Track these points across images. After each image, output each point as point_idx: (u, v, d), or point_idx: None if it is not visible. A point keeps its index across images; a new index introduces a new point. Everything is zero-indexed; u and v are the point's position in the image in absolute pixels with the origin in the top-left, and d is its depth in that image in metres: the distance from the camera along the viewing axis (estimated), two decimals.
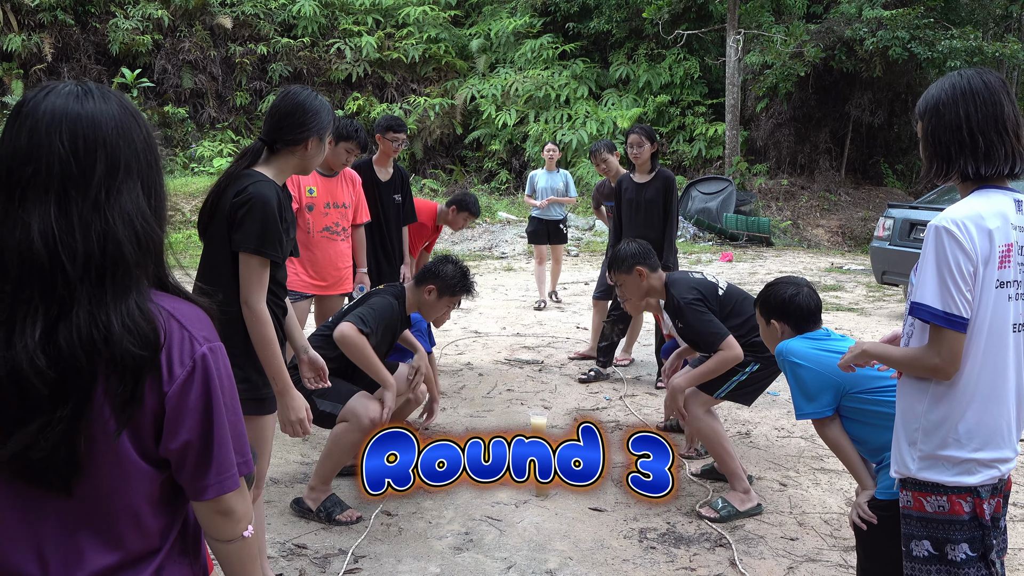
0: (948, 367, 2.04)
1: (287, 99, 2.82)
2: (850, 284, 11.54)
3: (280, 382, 2.77)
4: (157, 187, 1.41)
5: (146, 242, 1.36)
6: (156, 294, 1.39)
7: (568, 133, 18.31)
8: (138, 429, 1.35)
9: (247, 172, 2.74)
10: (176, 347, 1.36)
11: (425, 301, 4.13)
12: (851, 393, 2.80)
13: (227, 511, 1.45)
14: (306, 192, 4.87)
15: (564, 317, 9.07)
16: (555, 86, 19.15)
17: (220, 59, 19.05)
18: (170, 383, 1.35)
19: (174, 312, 1.39)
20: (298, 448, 4.75)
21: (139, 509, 1.38)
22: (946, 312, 2.00)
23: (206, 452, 1.39)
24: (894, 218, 9.01)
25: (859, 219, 17.38)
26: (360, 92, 19.48)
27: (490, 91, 19.32)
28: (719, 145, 18.39)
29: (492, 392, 6.05)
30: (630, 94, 19.26)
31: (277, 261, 2.75)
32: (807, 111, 18.33)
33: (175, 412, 1.35)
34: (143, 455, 1.36)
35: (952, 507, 2.09)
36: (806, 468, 4.59)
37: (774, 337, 3.21)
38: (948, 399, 2.08)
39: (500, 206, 16.32)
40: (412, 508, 4.00)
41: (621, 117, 18.07)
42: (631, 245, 4.32)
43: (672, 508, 4.05)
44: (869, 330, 8.28)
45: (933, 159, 2.14)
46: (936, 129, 2.11)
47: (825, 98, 18.18)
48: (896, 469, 2.20)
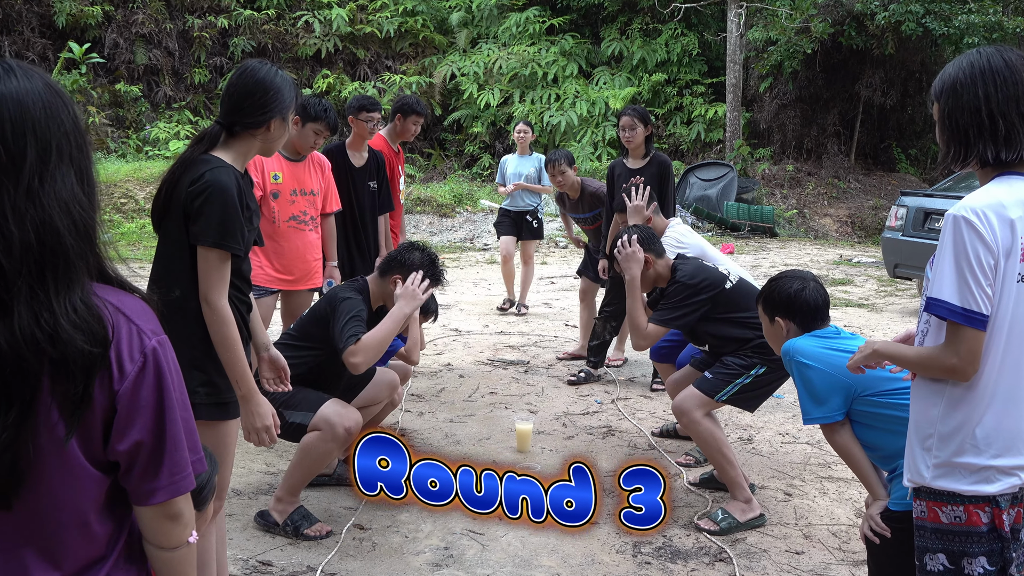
0: (966, 367, 2.04)
1: (245, 77, 2.79)
2: (860, 278, 11.61)
3: (244, 386, 2.76)
4: (88, 171, 1.42)
5: (84, 230, 1.36)
6: (98, 287, 1.40)
7: (556, 114, 18.31)
8: (87, 432, 1.35)
9: (204, 158, 2.72)
10: (125, 342, 1.38)
11: (391, 293, 4.05)
12: (862, 396, 2.81)
13: (175, 515, 1.47)
14: (271, 178, 4.84)
15: (552, 314, 9.08)
16: (542, 63, 19.13)
17: (177, 33, 18.91)
18: (121, 380, 1.36)
19: (120, 305, 1.40)
20: (262, 457, 4.73)
21: (87, 517, 1.39)
22: (964, 308, 2.01)
23: (158, 452, 1.41)
24: (907, 207, 9.07)
25: (870, 208, 17.48)
26: (330, 69, 19.39)
27: (471, 68, 19.28)
28: (719, 128, 18.44)
29: (474, 395, 6.04)
30: (623, 72, 19.27)
31: (239, 254, 2.73)
32: (814, 91, 18.41)
33: (127, 410, 1.37)
34: (92, 459, 1.37)
35: (969, 518, 2.10)
36: (813, 476, 4.62)
37: (779, 336, 3.22)
38: (966, 402, 2.09)
39: (482, 193, 16.30)
40: (387, 521, 3.99)
41: (613, 97, 18.08)
42: (633, 232, 4.31)
43: (669, 520, 4.05)
44: (880, 327, 8.33)
45: (950, 143, 2.15)
46: (953, 111, 2.12)
47: (833, 77, 18.26)
48: (909, 477, 2.21)
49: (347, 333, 3.72)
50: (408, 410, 5.64)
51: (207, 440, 2.69)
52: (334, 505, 4.14)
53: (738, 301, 4.20)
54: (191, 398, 2.64)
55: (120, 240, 12.88)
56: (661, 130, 18.74)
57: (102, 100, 17.73)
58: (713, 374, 4.14)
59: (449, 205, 15.91)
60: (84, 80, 17.02)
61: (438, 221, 15.52)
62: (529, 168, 8.98)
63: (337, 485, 4.27)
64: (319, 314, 4.01)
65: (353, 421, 3.81)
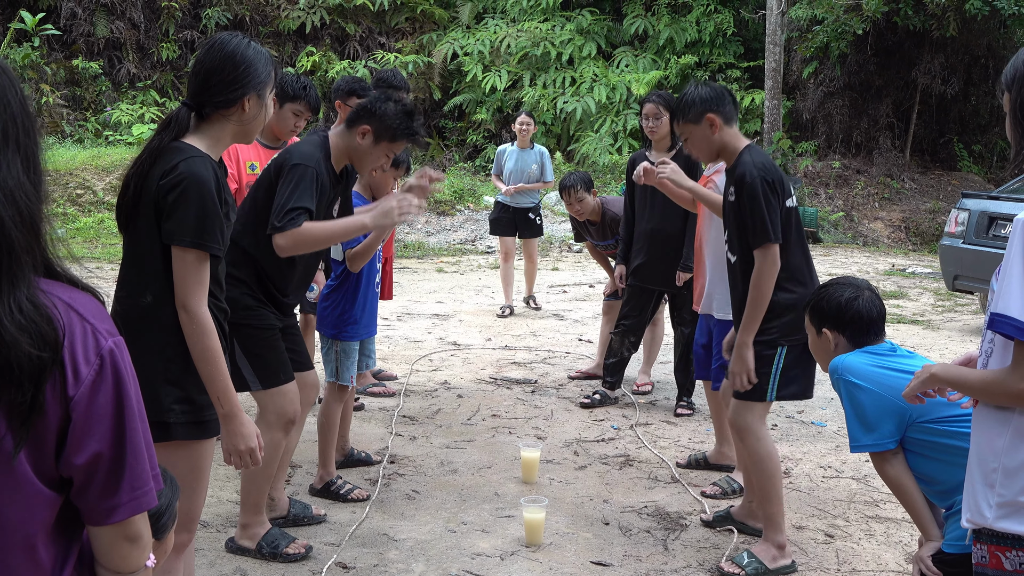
0: None
1: (213, 51, 2.81)
2: (915, 291, 11.60)
3: (227, 403, 2.76)
4: (36, 157, 1.44)
5: (31, 222, 1.38)
6: (46, 282, 1.42)
7: (571, 100, 18.33)
8: (38, 444, 1.37)
9: (175, 146, 2.73)
10: (80, 343, 1.39)
11: (357, 147, 3.95)
12: (918, 422, 2.81)
13: (135, 536, 1.49)
14: (246, 168, 4.86)
15: (563, 327, 9.08)
16: (556, 43, 19.16)
17: (143, 2, 18.98)
18: (76, 386, 1.38)
19: (72, 303, 1.42)
20: (232, 484, 4.74)
21: (34, 541, 1.41)
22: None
23: (118, 464, 1.43)
24: (969, 210, 9.05)
25: (927, 211, 17.47)
26: (316, 46, 19.45)
27: (476, 47, 19.32)
28: (756, 118, 18.45)
29: (474, 418, 6.05)
30: (648, 54, 19.30)
31: (218, 255, 2.74)
32: (865, 78, 18.41)
33: (84, 418, 1.39)
34: (42, 476, 1.38)
35: None
36: (857, 516, 4.61)
37: (826, 351, 3.22)
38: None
39: (486, 189, 16.32)
40: (373, 559, 3.99)
41: (636, 82, 18.10)
42: (701, 89, 4.16)
43: (692, 562, 4.06)
44: (937, 347, 8.32)
45: (1022, 139, 2.15)
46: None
47: (887, 62, 18.26)
48: (969, 517, 2.20)
49: (287, 211, 3.64)
50: (399, 434, 5.65)
51: (181, 462, 2.70)
52: (312, 540, 4.14)
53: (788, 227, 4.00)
54: (165, 416, 2.67)
55: (75, 237, 12.91)
56: None
57: (57, 77, 17.79)
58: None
59: (448, 202, 15.93)
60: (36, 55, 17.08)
61: (436, 220, 15.53)
62: (531, 164, 9.14)
63: (294, 526, 4.26)
64: (266, 180, 3.85)
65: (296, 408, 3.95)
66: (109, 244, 12.55)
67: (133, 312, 2.70)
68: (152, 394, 2.59)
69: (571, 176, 6.97)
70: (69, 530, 1.47)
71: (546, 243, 14.60)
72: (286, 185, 3.71)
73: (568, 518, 4.48)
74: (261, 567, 3.89)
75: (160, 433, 2.63)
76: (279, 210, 3.65)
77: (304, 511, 4.33)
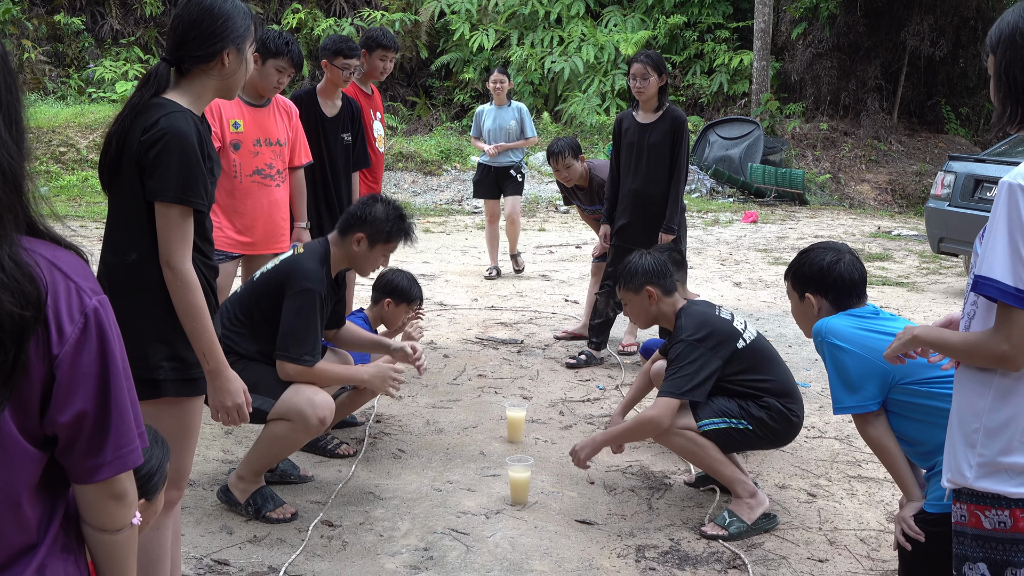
0: (1018, 355, 2.05)
1: (190, 6, 2.79)
2: (900, 253, 11.64)
3: (213, 359, 2.78)
4: (18, 115, 1.43)
5: (13, 179, 1.37)
6: (28, 240, 1.41)
7: (559, 60, 18.24)
8: (22, 403, 1.37)
9: (156, 102, 2.71)
10: (64, 301, 1.39)
11: (355, 254, 4.09)
12: (901, 384, 2.83)
13: (120, 494, 1.50)
14: (230, 127, 4.82)
15: (549, 287, 9.09)
16: (544, 1, 19.03)
17: None
18: (60, 344, 1.38)
19: (55, 261, 1.42)
20: (219, 443, 4.75)
21: (19, 499, 1.41)
22: (1018, 288, 2.01)
23: (103, 422, 1.43)
24: (956, 173, 9.07)
25: (913, 174, 17.50)
26: (301, 3, 19.26)
27: (463, 6, 19.17)
28: (744, 79, 18.40)
29: (460, 378, 6.06)
30: (636, 13, 19.19)
31: (202, 210, 2.74)
32: (854, 39, 18.36)
33: (68, 377, 1.39)
34: (27, 434, 1.38)
35: (1016, 523, 2.12)
36: (840, 475, 4.65)
37: (809, 315, 3.24)
38: (1016, 395, 2.11)
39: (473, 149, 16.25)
40: (359, 518, 4.01)
41: (624, 41, 18.01)
42: (645, 259, 4.34)
43: (676, 521, 4.10)
44: (921, 309, 8.37)
45: (1007, 101, 2.15)
46: (1011, 65, 2.12)
47: (876, 23, 18.21)
48: (949, 477, 2.23)
49: (299, 349, 3.88)
50: None
51: (171, 420, 2.71)
52: (298, 499, 4.16)
53: (750, 364, 4.14)
54: (154, 373, 2.68)
55: (59, 195, 12.82)
56: (678, 80, 18.69)
57: (39, 33, 17.58)
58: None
59: (435, 162, 15.87)
60: (17, 10, 16.88)
61: (422, 180, 15.48)
62: (509, 121, 9.10)
63: (280, 483, 4.28)
64: (271, 290, 4.01)
65: (328, 410, 3.90)
66: (93, 202, 12.47)
67: (119, 271, 2.70)
68: (140, 352, 2.60)
69: (558, 142, 6.93)
70: (54, 488, 1.47)
71: (533, 204, 14.57)
72: (295, 310, 3.92)
73: (553, 477, 4.51)
74: (246, 526, 3.91)
75: (149, 390, 2.64)
76: (291, 338, 3.90)
77: (292, 470, 4.35)
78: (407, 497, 4.22)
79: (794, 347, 6.83)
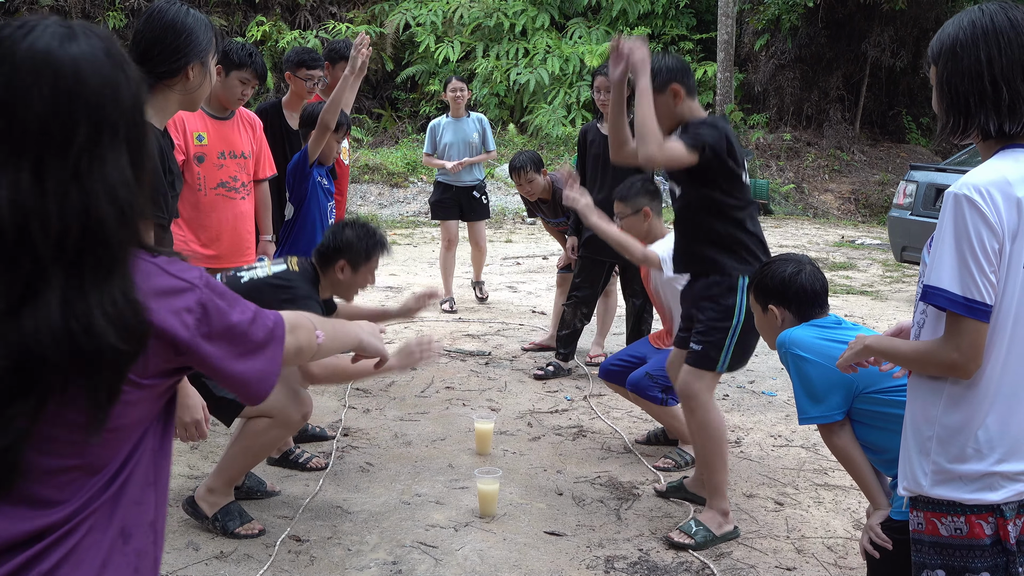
0: (968, 363, 2.07)
1: (152, 21, 2.80)
2: (864, 262, 11.75)
3: None
4: (141, 150, 1.43)
5: (131, 216, 1.39)
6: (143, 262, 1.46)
7: (524, 72, 18.28)
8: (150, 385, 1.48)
9: None
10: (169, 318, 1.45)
11: (341, 281, 4.17)
12: (865, 393, 2.85)
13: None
14: (194, 139, 4.79)
15: (517, 299, 9.10)
16: (509, 13, 19.08)
17: None
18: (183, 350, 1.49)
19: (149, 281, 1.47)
20: (184, 459, 4.70)
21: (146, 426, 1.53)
22: (966, 297, 2.03)
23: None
24: (917, 182, 9.18)
25: (876, 183, 17.68)
26: (266, 15, 19.19)
27: (428, 18, 19.18)
28: (708, 90, 18.52)
29: (427, 390, 6.05)
30: (601, 25, 19.28)
31: (162, 223, 2.73)
32: (816, 50, 18.54)
33: (199, 363, 1.54)
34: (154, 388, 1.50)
35: (971, 529, 2.14)
36: (807, 484, 4.68)
37: (772, 326, 3.26)
38: (967, 402, 2.12)
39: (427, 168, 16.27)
40: (327, 532, 3.99)
41: (589, 53, 18.08)
42: (667, 58, 4.16)
43: (645, 532, 4.10)
44: (885, 317, 8.45)
45: (950, 112, 2.16)
46: (952, 76, 2.13)
47: (838, 35, 18.40)
48: (905, 485, 2.24)
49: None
50: (352, 407, 5.64)
51: None
52: (265, 513, 4.13)
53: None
54: None
55: None
56: None
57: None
58: (701, 343, 4.10)
59: (401, 174, 15.85)
60: None
61: (388, 192, 15.46)
62: (472, 134, 8.36)
63: (246, 499, 4.23)
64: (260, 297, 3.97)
65: (309, 404, 3.91)
66: None
67: None
68: None
69: (520, 156, 6.91)
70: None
71: (499, 216, 14.59)
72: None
73: (522, 489, 4.51)
74: (213, 542, 3.87)
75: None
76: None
77: (259, 485, 4.31)
78: (375, 511, 4.20)
79: (760, 357, 6.87)
